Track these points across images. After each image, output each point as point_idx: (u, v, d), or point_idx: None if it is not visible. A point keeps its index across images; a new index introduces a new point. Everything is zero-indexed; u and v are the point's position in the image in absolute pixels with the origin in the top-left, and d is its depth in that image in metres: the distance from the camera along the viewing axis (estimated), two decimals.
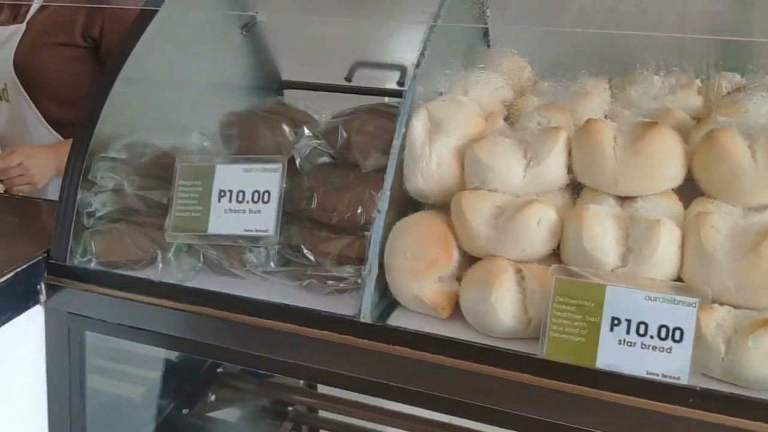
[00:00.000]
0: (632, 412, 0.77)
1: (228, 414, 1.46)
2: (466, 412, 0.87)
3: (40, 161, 1.60)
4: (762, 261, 0.76)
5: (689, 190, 0.89)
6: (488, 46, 1.30)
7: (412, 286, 0.91)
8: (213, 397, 1.44)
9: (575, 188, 0.94)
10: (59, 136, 1.72)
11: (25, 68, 1.69)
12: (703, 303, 0.77)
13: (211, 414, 1.42)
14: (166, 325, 1.01)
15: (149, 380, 1.45)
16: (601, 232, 0.83)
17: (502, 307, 0.86)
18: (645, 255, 0.81)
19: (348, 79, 1.54)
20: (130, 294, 1.02)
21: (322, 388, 1.59)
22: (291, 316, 0.93)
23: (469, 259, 0.93)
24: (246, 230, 0.99)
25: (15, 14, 1.74)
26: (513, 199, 0.90)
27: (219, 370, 1.50)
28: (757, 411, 0.73)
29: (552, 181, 0.91)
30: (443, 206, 0.96)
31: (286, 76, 1.57)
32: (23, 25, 1.68)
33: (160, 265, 1.03)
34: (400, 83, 1.48)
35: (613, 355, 0.79)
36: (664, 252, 0.81)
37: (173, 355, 1.50)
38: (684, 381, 0.76)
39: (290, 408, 1.57)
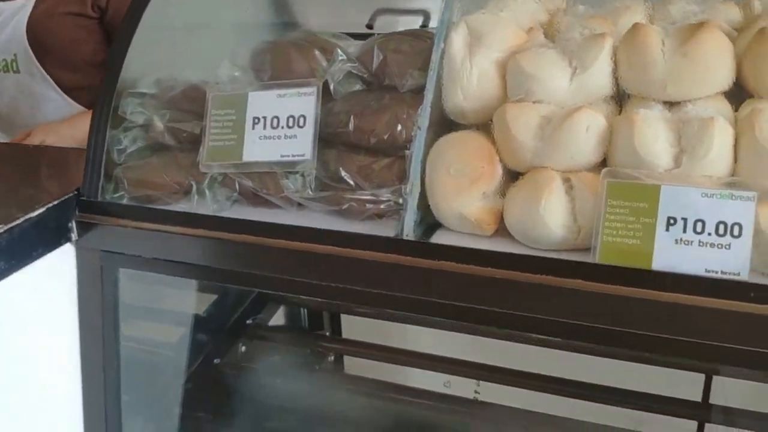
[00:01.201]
0: (692, 312, 0.75)
1: (260, 364, 1.44)
2: (518, 324, 0.86)
3: (59, 136, 1.62)
4: None
5: (738, 96, 0.87)
6: None
7: (456, 204, 0.89)
8: (243, 348, 1.43)
9: (620, 101, 0.92)
10: (71, 101, 1.75)
11: (37, 36, 1.73)
12: (761, 197, 0.75)
13: (243, 364, 1.41)
14: (203, 256, 0.99)
15: (180, 333, 1.44)
16: (653, 135, 0.81)
17: (551, 216, 0.84)
18: (699, 154, 0.79)
19: (369, 26, 1.52)
20: (164, 226, 1.00)
21: (348, 335, 1.59)
22: (331, 239, 0.91)
23: (513, 177, 0.91)
24: (282, 156, 0.97)
25: None
26: (558, 109, 0.88)
27: (249, 322, 1.49)
28: None
29: (598, 89, 0.89)
30: (484, 127, 0.94)
31: (305, 25, 1.55)
32: None
33: (195, 196, 1.02)
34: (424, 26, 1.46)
35: (670, 255, 0.77)
36: (719, 150, 0.79)
37: (202, 308, 1.50)
38: (744, 277, 0.74)
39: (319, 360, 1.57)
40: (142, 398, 1.30)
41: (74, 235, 1.06)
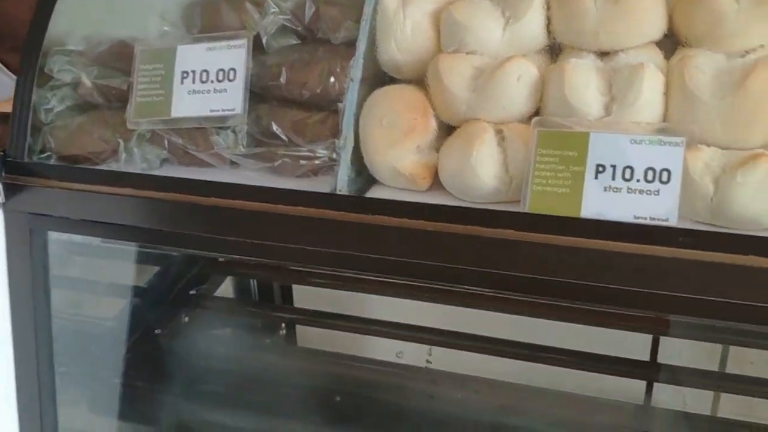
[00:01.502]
0: (621, 258, 0.75)
1: (203, 334, 1.42)
2: (451, 276, 0.84)
3: None
4: (749, 96, 0.74)
5: (670, 47, 0.86)
6: None
7: (389, 157, 0.88)
8: (186, 319, 1.40)
9: (555, 54, 0.91)
10: None
11: None
12: (689, 142, 0.75)
13: (186, 334, 1.38)
14: (131, 216, 0.96)
15: (120, 305, 1.41)
16: (584, 83, 0.80)
17: (483, 167, 0.83)
18: (629, 100, 0.78)
19: None
20: (91, 186, 0.97)
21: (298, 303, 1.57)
22: (262, 195, 0.89)
23: (448, 132, 0.90)
24: (212, 111, 0.94)
25: None
26: (492, 60, 0.87)
27: (192, 292, 1.46)
28: (746, 245, 0.71)
29: (531, 40, 0.87)
30: (419, 81, 0.92)
31: None
32: None
33: (123, 155, 0.98)
34: None
35: (599, 202, 0.77)
36: (649, 96, 0.78)
37: (143, 280, 1.47)
38: (673, 222, 0.74)
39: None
40: (79, 369, 1.27)
41: (1, 198, 1.02)
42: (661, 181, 0.75)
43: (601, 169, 0.77)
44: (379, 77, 0.93)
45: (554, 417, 1.39)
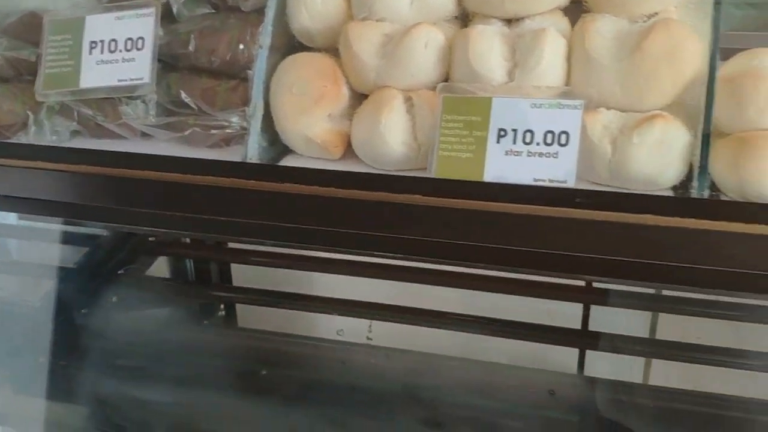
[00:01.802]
0: (522, 220, 0.76)
1: (131, 314, 1.40)
2: (360, 243, 0.84)
3: None
4: (645, 59, 0.75)
5: (577, 14, 0.87)
6: None
7: (300, 125, 0.87)
8: (114, 299, 1.38)
9: (465, 22, 0.91)
10: None
11: None
12: (587, 106, 0.76)
13: (113, 314, 1.36)
14: (41, 189, 0.94)
15: (47, 285, 1.38)
16: (487, 48, 0.81)
17: (391, 134, 0.83)
18: (530, 65, 0.79)
19: None
20: (2, 160, 0.95)
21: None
22: (171, 165, 0.87)
23: (361, 100, 0.90)
24: (120, 80, 0.92)
25: None
26: (401, 27, 0.87)
27: (120, 272, 1.44)
28: (639, 203, 0.72)
29: (441, 8, 0.87)
30: (333, 50, 0.92)
31: None
32: None
33: (33, 127, 0.96)
34: None
35: (501, 166, 0.78)
36: (550, 60, 0.79)
37: (72, 261, 1.44)
38: (570, 184, 0.75)
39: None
40: (3, 350, 1.24)
41: None
42: (559, 144, 0.76)
43: (502, 133, 0.78)
44: (293, 46, 0.93)
45: (487, 387, 1.41)
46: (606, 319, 1.58)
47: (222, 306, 1.74)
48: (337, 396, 1.30)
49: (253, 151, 0.86)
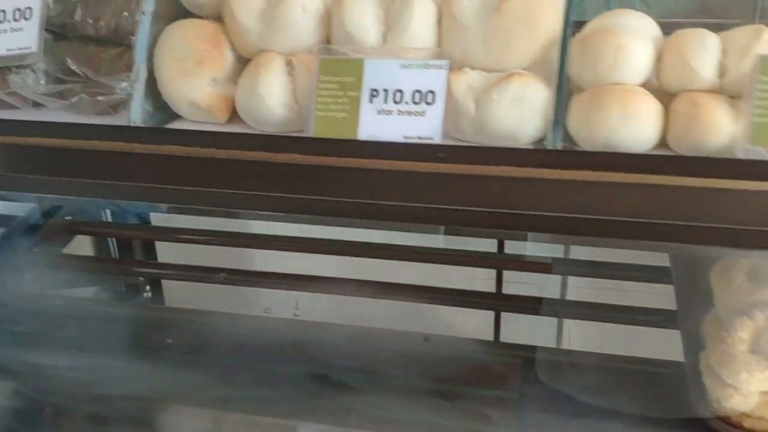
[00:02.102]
0: (393, 176, 0.79)
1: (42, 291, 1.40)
2: (242, 203, 0.87)
3: None
4: (504, 19, 0.79)
5: None
6: None
7: (184, 89, 0.89)
8: (29, 276, 1.38)
9: None
10: None
11: None
12: (452, 66, 0.80)
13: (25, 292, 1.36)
14: None
15: None
16: (362, 12, 0.84)
17: (271, 96, 0.85)
18: (401, 27, 0.82)
19: None
20: None
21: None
22: (58, 131, 0.89)
23: (246, 65, 0.92)
24: (8, 50, 0.93)
25: None
26: None
27: (35, 250, 1.43)
28: (498, 156, 0.76)
29: None
30: (220, 18, 0.94)
31: None
32: None
33: None
34: None
35: (373, 125, 0.81)
36: (419, 23, 0.82)
37: None
38: (437, 140, 0.79)
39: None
40: None
41: None
42: (426, 103, 0.79)
43: (375, 93, 0.81)
44: (181, 15, 0.94)
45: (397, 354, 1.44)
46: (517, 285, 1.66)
47: (148, 287, 1.74)
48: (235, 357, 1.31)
49: (136, 115, 0.88)
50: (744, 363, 0.89)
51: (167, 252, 1.83)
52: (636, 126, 0.75)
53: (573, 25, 0.81)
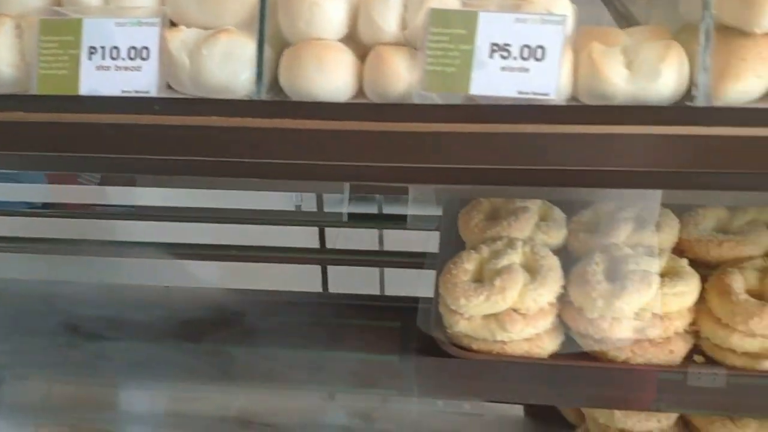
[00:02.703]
0: (114, 129, 0.84)
1: None
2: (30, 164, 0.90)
3: None
4: None
5: None
6: None
7: None
8: None
9: None
10: None
11: None
12: (164, 22, 0.85)
13: None
14: None
15: None
16: None
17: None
18: None
19: None
20: None
21: None
22: None
23: None
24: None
25: None
26: None
27: None
28: (208, 107, 0.82)
29: None
30: None
31: None
32: None
33: None
34: None
35: (94, 80, 0.85)
36: None
37: None
38: (153, 93, 0.84)
39: None
40: None
41: None
42: (141, 58, 0.84)
43: (93, 50, 0.85)
44: None
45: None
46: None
47: None
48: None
49: None
50: (463, 290, 1.00)
51: None
52: (330, 77, 0.83)
53: None
